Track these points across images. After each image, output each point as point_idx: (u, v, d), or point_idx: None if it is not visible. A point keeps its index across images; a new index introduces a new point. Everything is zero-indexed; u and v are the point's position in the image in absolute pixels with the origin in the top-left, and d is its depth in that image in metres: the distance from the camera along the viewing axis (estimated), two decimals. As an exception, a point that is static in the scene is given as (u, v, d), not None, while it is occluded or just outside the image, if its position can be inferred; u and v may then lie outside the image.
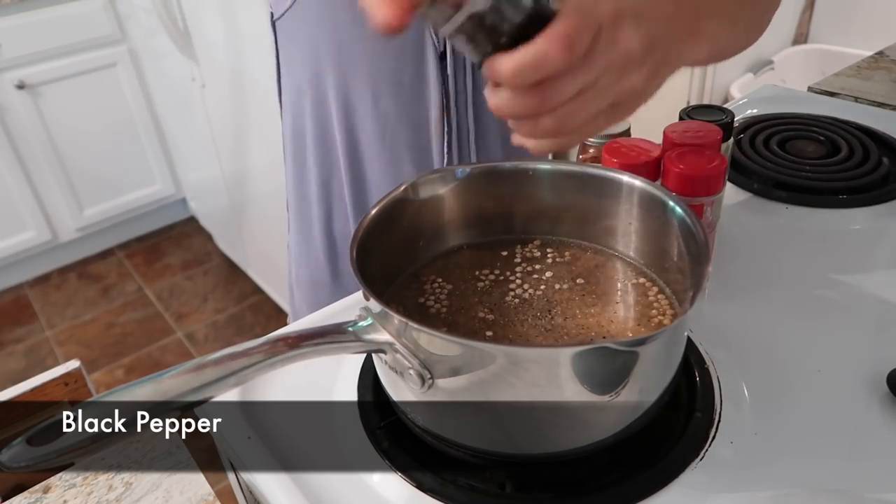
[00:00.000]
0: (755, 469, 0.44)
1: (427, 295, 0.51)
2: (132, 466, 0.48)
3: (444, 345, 0.39)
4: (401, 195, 0.50)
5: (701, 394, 0.48)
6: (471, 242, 0.56)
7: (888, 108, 0.90)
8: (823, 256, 0.63)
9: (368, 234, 0.47)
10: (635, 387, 0.40)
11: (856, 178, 0.73)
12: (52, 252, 2.25)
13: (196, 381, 0.37)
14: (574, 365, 0.38)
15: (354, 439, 0.47)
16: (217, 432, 0.51)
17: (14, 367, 1.94)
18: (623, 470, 0.44)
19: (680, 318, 0.39)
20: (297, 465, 0.46)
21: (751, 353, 0.53)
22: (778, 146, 0.79)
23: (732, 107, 0.90)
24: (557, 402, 0.39)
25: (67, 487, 0.47)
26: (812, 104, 0.90)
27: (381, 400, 0.49)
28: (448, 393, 0.41)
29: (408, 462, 0.45)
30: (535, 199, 0.54)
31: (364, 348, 0.42)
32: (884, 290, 0.58)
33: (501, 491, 0.43)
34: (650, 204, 0.49)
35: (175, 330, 2.03)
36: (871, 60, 1.07)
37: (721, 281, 0.60)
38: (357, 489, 0.44)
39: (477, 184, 0.53)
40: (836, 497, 0.42)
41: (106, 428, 0.34)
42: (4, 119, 1.93)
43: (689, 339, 0.51)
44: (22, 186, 2.03)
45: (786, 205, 0.71)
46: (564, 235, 0.55)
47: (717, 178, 0.53)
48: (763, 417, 0.47)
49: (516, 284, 0.51)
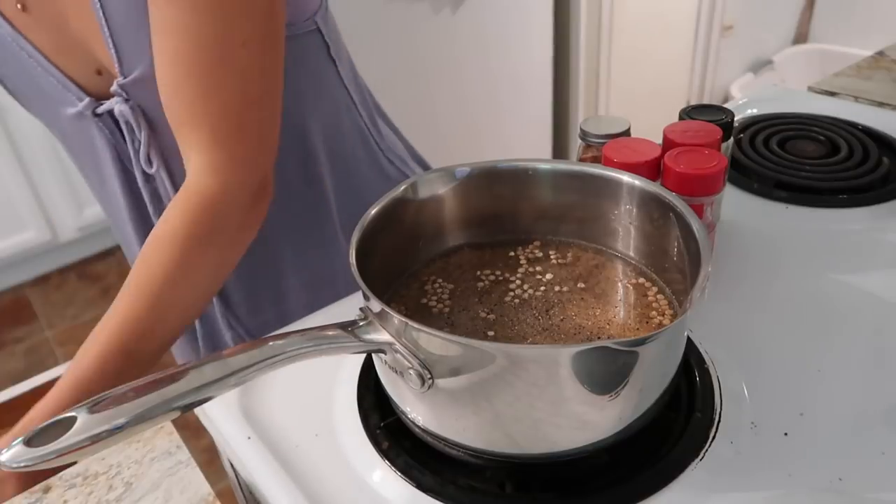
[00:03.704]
0: (755, 469, 0.44)
1: (427, 295, 0.51)
2: (132, 466, 0.48)
3: (444, 345, 0.39)
4: (401, 195, 0.50)
5: (701, 394, 0.48)
6: (471, 242, 0.56)
7: (888, 107, 0.90)
8: (823, 256, 0.64)
9: (368, 234, 0.47)
10: (635, 387, 0.40)
11: (856, 178, 0.73)
12: (52, 252, 2.24)
13: (196, 381, 0.37)
14: (574, 365, 0.38)
15: (354, 439, 0.47)
16: (217, 432, 0.51)
17: (14, 367, 1.94)
18: (623, 470, 0.44)
19: (680, 318, 0.39)
20: (297, 465, 0.46)
21: (751, 353, 0.53)
22: (778, 146, 0.79)
23: (732, 107, 0.90)
24: (557, 403, 0.39)
25: (67, 487, 0.47)
26: (812, 104, 0.90)
27: (381, 400, 0.49)
28: (448, 393, 0.41)
29: (408, 462, 0.45)
30: (535, 198, 0.54)
31: (364, 348, 0.42)
32: (884, 290, 0.58)
33: (501, 491, 0.43)
34: (650, 204, 0.49)
35: (175, 330, 2.03)
36: (871, 60, 1.07)
37: (721, 281, 0.60)
38: (357, 489, 0.44)
39: (477, 184, 0.53)
40: (836, 497, 0.42)
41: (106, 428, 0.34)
42: (4, 119, 1.93)
43: (689, 339, 0.51)
44: (22, 186, 2.03)
45: (786, 205, 0.71)
46: (564, 235, 0.55)
47: (717, 178, 0.53)
48: (763, 418, 0.47)
49: (516, 285, 0.51)
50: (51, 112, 0.63)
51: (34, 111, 0.65)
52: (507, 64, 1.99)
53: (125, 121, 0.60)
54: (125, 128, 0.61)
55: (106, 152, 0.63)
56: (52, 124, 0.65)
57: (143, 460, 0.48)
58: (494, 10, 1.88)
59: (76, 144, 0.65)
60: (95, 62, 0.59)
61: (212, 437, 0.53)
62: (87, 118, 0.61)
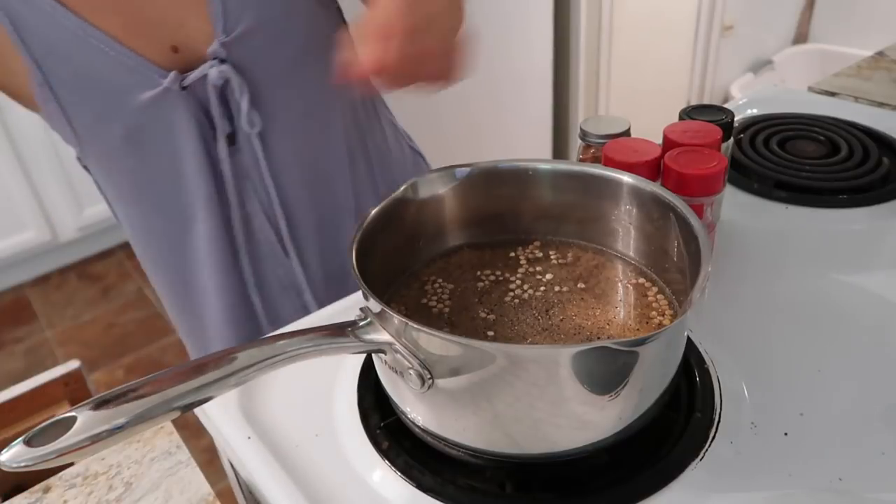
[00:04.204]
0: (755, 469, 0.44)
1: (427, 295, 0.51)
2: (132, 466, 0.48)
3: (444, 345, 0.39)
4: (401, 195, 0.50)
5: (701, 394, 0.48)
6: (471, 242, 0.56)
7: (888, 108, 0.90)
8: (823, 256, 0.64)
9: (368, 234, 0.47)
10: (635, 387, 0.40)
11: (856, 178, 0.73)
12: (52, 252, 2.24)
13: (196, 382, 0.37)
14: (574, 365, 0.38)
15: (354, 439, 0.47)
16: (217, 432, 0.51)
17: (14, 367, 1.94)
18: (623, 470, 0.44)
19: (680, 318, 0.39)
20: (297, 465, 0.46)
21: (751, 353, 0.53)
22: (778, 146, 0.79)
23: (732, 107, 0.90)
24: (557, 403, 0.39)
25: (67, 487, 0.47)
26: (812, 104, 0.90)
27: (381, 400, 0.49)
28: (448, 393, 0.41)
29: (408, 462, 0.45)
30: (535, 199, 0.54)
31: (364, 348, 0.42)
32: (884, 290, 0.58)
33: (501, 491, 0.43)
34: (650, 204, 0.49)
35: (175, 330, 2.03)
36: (871, 60, 1.07)
37: (721, 281, 0.60)
38: (357, 489, 0.44)
39: (477, 184, 0.53)
40: (836, 497, 0.42)
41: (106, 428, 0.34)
42: (4, 119, 1.93)
43: (689, 339, 0.51)
44: (22, 186, 2.03)
45: (786, 205, 0.71)
46: (564, 235, 0.55)
47: (717, 178, 0.53)
48: (763, 418, 0.47)
49: (516, 285, 0.51)
50: (118, 104, 0.61)
51: (93, 111, 0.62)
52: (507, 64, 1.99)
53: (222, 84, 0.60)
54: (216, 95, 0.60)
55: (189, 131, 0.62)
56: (117, 119, 0.62)
57: (143, 460, 0.48)
58: (494, 10, 1.88)
59: (147, 133, 0.63)
60: (171, 38, 0.59)
61: (212, 437, 0.53)
62: (170, 96, 0.60)
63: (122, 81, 0.59)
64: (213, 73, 0.59)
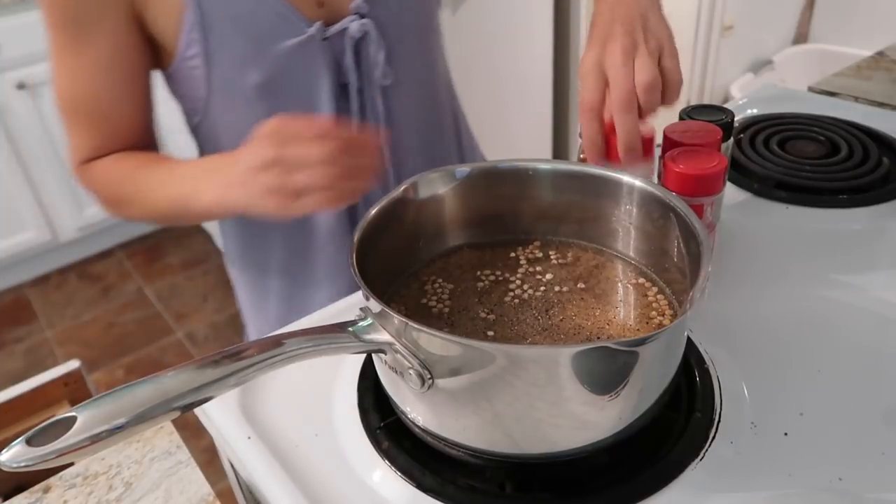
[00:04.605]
0: (755, 469, 0.44)
1: (427, 295, 0.51)
2: (132, 466, 0.48)
3: (444, 345, 0.39)
4: (401, 195, 0.50)
5: (701, 394, 0.48)
6: (471, 242, 0.56)
7: (888, 108, 0.90)
8: (823, 256, 0.64)
9: (368, 234, 0.47)
10: (635, 387, 0.40)
11: (856, 178, 0.73)
12: (52, 252, 2.25)
13: (196, 381, 0.37)
14: (574, 365, 0.38)
15: (354, 439, 0.47)
16: (217, 432, 0.51)
17: (14, 367, 1.94)
18: (623, 470, 0.44)
19: (680, 318, 0.39)
20: (297, 465, 0.46)
21: (751, 353, 0.53)
22: (778, 146, 0.79)
23: (732, 107, 0.90)
24: (557, 403, 0.39)
25: (67, 487, 0.47)
26: (812, 104, 0.90)
27: (381, 400, 0.49)
28: (448, 393, 0.41)
29: (408, 462, 0.45)
30: (535, 199, 0.54)
31: (364, 348, 0.42)
32: (884, 290, 0.58)
33: (501, 491, 0.43)
34: (650, 204, 0.49)
35: (175, 330, 2.03)
36: (871, 60, 1.07)
37: (721, 281, 0.60)
38: (357, 489, 0.44)
39: (477, 184, 0.53)
40: (836, 497, 0.42)
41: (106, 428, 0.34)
42: (4, 119, 1.93)
43: (689, 339, 0.51)
44: (22, 186, 2.03)
45: (786, 205, 0.71)
46: (564, 235, 0.55)
47: (717, 178, 0.53)
48: (763, 418, 0.47)
49: (516, 285, 0.51)
50: (262, 50, 0.63)
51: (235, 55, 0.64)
52: (507, 64, 1.99)
53: (361, 37, 0.64)
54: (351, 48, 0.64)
55: (325, 78, 0.65)
56: (258, 64, 0.64)
57: (143, 460, 0.48)
58: (494, 10, 1.88)
59: (284, 81, 0.66)
60: None
61: (212, 437, 0.53)
62: (311, 45, 0.63)
63: (271, 27, 0.62)
64: (354, 27, 0.63)
